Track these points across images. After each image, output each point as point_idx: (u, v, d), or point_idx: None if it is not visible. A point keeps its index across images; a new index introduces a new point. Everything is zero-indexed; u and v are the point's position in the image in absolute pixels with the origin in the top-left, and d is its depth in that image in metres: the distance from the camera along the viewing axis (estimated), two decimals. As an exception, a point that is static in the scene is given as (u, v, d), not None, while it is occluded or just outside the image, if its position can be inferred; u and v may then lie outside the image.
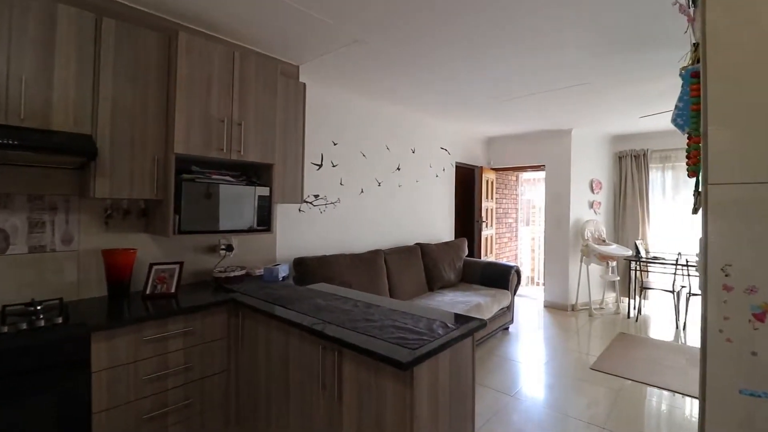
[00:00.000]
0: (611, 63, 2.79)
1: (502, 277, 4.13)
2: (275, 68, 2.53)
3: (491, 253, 5.95)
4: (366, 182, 3.86)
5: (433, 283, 3.98)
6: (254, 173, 2.54)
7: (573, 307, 5.07)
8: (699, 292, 3.78)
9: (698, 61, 0.88)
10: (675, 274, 4.49)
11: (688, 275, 4.41)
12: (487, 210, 5.78)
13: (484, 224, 5.69)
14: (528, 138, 5.43)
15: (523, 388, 2.93)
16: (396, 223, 4.25)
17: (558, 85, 3.30)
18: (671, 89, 3.25)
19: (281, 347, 1.80)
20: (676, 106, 0.92)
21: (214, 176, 2.29)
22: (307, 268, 2.90)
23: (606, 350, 3.65)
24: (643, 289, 4.84)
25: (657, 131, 5.07)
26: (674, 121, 0.90)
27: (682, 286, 4.50)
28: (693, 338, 4.06)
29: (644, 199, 5.25)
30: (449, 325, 1.63)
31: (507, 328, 4.22)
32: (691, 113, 0.88)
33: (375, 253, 3.51)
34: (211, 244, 2.59)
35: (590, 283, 5.03)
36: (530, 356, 3.61)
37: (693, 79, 0.87)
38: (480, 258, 5.56)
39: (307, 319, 1.73)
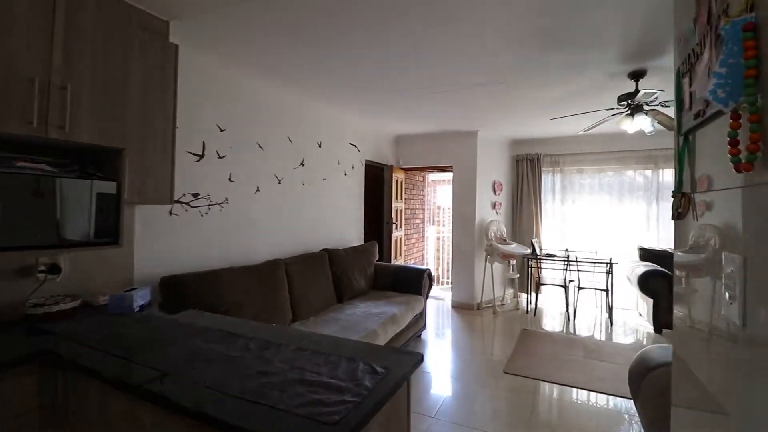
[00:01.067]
0: (528, 63, 2.70)
1: (415, 282, 3.91)
2: (130, 17, 1.83)
3: (401, 255, 5.77)
4: (263, 179, 3.23)
5: (343, 293, 3.55)
6: (94, 161, 1.79)
7: (478, 306, 5.15)
8: (588, 285, 3.95)
9: (752, 10, 0.62)
10: (565, 269, 4.85)
11: (577, 270, 4.79)
12: (397, 211, 5.57)
13: (394, 226, 5.47)
14: (437, 138, 5.36)
15: (443, 406, 2.69)
16: (300, 227, 3.70)
17: (474, 81, 3.16)
18: (580, 91, 3.33)
19: (127, 426, 1.18)
20: (716, 74, 0.65)
21: (19, 163, 1.51)
22: (180, 290, 2.21)
23: (514, 350, 3.68)
24: (539, 284, 5.14)
25: (548, 137, 5.44)
26: (713, 93, 0.63)
27: (570, 281, 4.88)
28: (581, 327, 4.42)
29: (537, 200, 5.60)
30: (378, 368, 1.22)
31: (420, 336, 4.02)
32: (745, 81, 0.61)
33: (273, 264, 2.94)
34: (24, 264, 1.76)
35: (494, 281, 5.17)
36: (445, 366, 3.44)
37: (747, 33, 0.61)
38: (390, 261, 5.32)
39: (166, 382, 1.15)
